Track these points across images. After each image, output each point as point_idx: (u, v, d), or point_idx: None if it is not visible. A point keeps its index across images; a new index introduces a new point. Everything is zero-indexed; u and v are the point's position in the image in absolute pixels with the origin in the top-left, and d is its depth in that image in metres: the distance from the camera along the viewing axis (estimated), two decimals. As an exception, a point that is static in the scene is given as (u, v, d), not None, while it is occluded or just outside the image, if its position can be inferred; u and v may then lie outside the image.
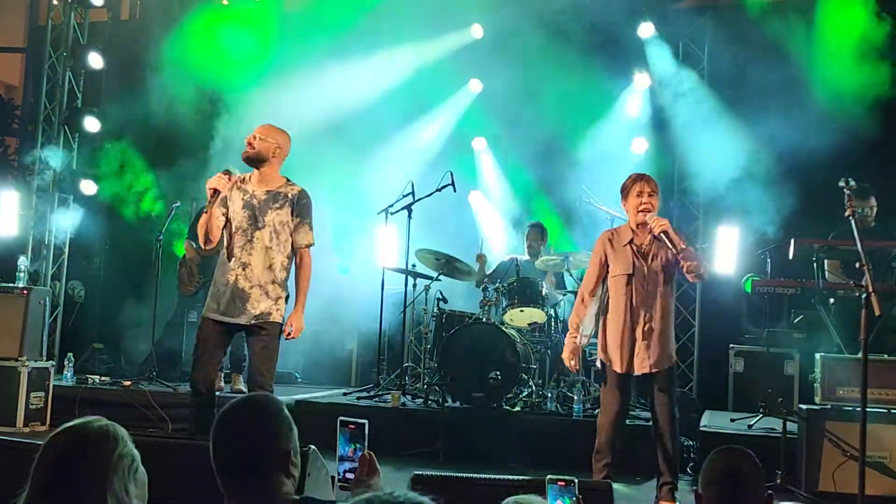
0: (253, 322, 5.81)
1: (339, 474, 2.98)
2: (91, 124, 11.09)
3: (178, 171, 10.50)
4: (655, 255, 5.95)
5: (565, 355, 6.07)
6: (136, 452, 2.49)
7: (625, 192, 6.03)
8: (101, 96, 11.56)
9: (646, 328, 5.88)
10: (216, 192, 5.75)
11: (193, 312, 9.86)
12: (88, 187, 10.99)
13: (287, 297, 5.98)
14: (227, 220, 5.87)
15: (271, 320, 5.85)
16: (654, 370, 5.90)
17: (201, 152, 10.44)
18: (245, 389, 8.22)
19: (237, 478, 2.58)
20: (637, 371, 5.91)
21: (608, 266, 6.03)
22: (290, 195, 5.93)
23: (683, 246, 5.79)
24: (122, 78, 11.70)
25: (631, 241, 5.99)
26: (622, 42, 10.33)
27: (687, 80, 10.62)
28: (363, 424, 3.00)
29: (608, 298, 6.02)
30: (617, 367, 5.92)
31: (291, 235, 5.90)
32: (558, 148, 10.73)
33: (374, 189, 9.88)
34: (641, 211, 5.88)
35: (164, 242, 9.28)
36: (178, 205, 9.50)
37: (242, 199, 5.88)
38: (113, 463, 2.40)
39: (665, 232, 5.78)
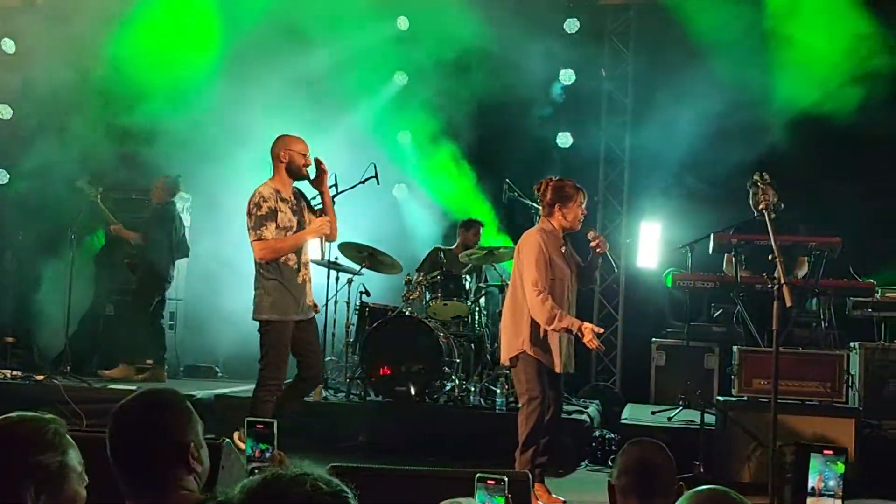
0: (311, 315, 6.42)
1: (249, 475, 2.89)
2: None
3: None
4: (572, 259, 6.23)
5: (589, 337, 5.89)
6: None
7: (565, 198, 6.13)
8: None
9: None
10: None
11: (110, 305, 9.66)
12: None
13: None
14: (284, 231, 6.20)
15: None
16: (568, 370, 6.21)
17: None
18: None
19: (131, 471, 2.49)
20: (567, 370, 6.12)
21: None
22: (299, 194, 6.48)
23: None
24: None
25: (562, 246, 6.16)
26: (548, 36, 10.34)
27: (612, 75, 10.71)
28: (272, 424, 2.93)
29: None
30: (557, 368, 6.04)
31: None
32: (485, 141, 10.73)
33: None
34: (580, 222, 6.16)
35: (77, 235, 9.04)
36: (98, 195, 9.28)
37: (290, 208, 6.27)
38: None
39: (604, 253, 6.17)
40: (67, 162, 9.52)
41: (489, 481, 2.97)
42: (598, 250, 6.13)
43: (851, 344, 8.10)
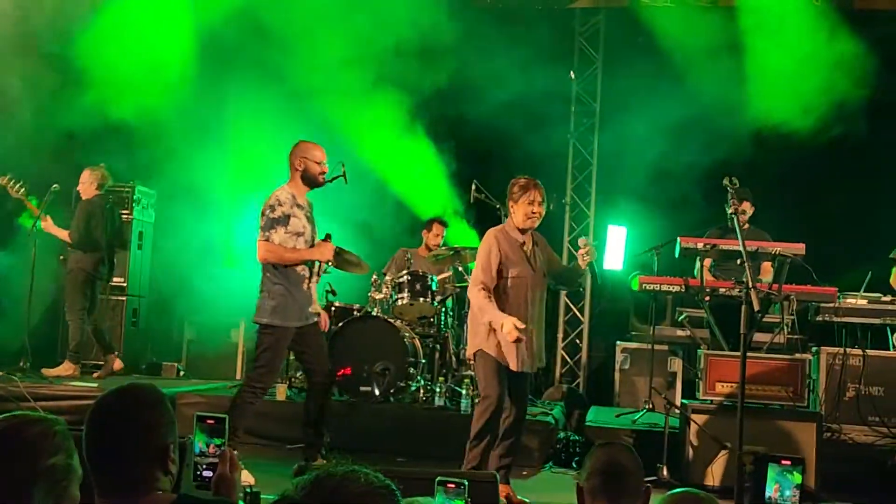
0: (313, 320, 6.44)
1: (195, 473, 2.84)
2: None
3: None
4: (537, 259, 6.17)
5: (508, 329, 5.78)
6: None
7: (514, 195, 6.11)
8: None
9: (529, 327, 5.98)
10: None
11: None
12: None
13: None
14: (304, 241, 6.33)
15: None
16: (529, 370, 6.15)
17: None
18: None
19: (108, 471, 2.43)
20: (522, 368, 6.02)
21: (501, 266, 6.05)
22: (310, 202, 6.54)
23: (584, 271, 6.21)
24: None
25: (522, 245, 6.11)
26: (517, 40, 10.35)
27: (581, 78, 10.76)
28: (223, 419, 2.88)
29: (501, 296, 6.04)
30: (512, 366, 5.99)
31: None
32: (455, 143, 10.72)
33: (265, 179, 9.68)
34: (530, 219, 6.07)
35: (38, 227, 8.91)
36: (55, 187, 9.11)
37: (304, 214, 6.36)
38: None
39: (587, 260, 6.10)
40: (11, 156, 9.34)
41: (449, 484, 2.96)
42: (585, 257, 6.10)
43: (813, 349, 8.20)
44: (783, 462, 3.17)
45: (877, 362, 8.11)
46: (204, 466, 2.82)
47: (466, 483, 2.98)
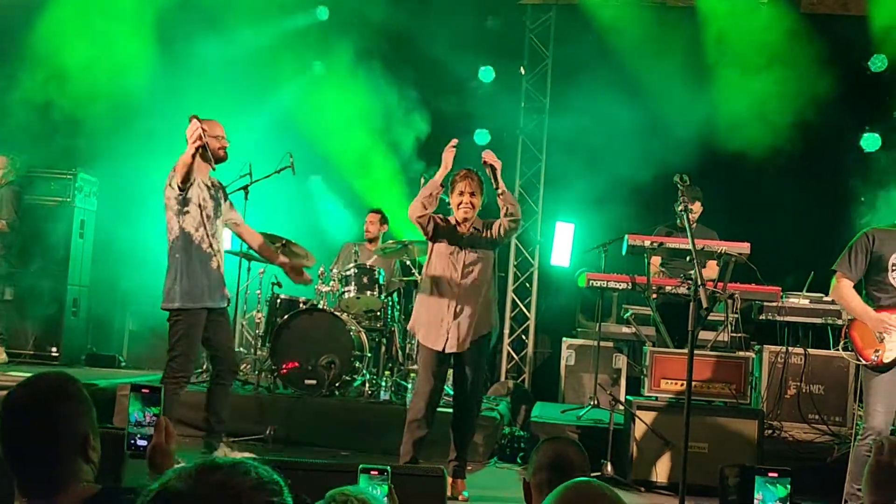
0: (224, 305, 6.23)
1: (129, 442, 2.77)
2: None
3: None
4: (474, 244, 6.19)
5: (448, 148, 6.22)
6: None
7: (452, 186, 6.19)
8: None
9: (458, 309, 6.10)
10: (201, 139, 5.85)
11: (9, 290, 9.32)
12: None
13: None
14: (198, 207, 6.02)
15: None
16: (458, 349, 6.14)
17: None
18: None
19: (28, 468, 2.36)
20: (449, 349, 6.11)
21: (435, 248, 6.22)
22: (218, 184, 6.34)
23: (504, 189, 6.09)
24: None
25: (455, 229, 6.18)
26: (469, 34, 10.33)
27: (531, 74, 10.76)
28: (159, 389, 2.83)
29: (431, 279, 6.21)
30: (438, 346, 6.11)
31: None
32: (402, 135, 10.66)
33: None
34: (462, 209, 6.13)
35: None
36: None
37: (206, 188, 6.11)
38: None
39: (494, 169, 6.05)
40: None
41: (373, 471, 2.95)
42: (487, 161, 6.08)
43: (756, 347, 8.30)
44: (770, 474, 3.16)
45: (817, 361, 8.23)
46: (139, 436, 2.76)
47: (389, 469, 2.95)
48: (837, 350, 5.94)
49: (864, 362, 5.68)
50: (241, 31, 10.01)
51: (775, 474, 3.13)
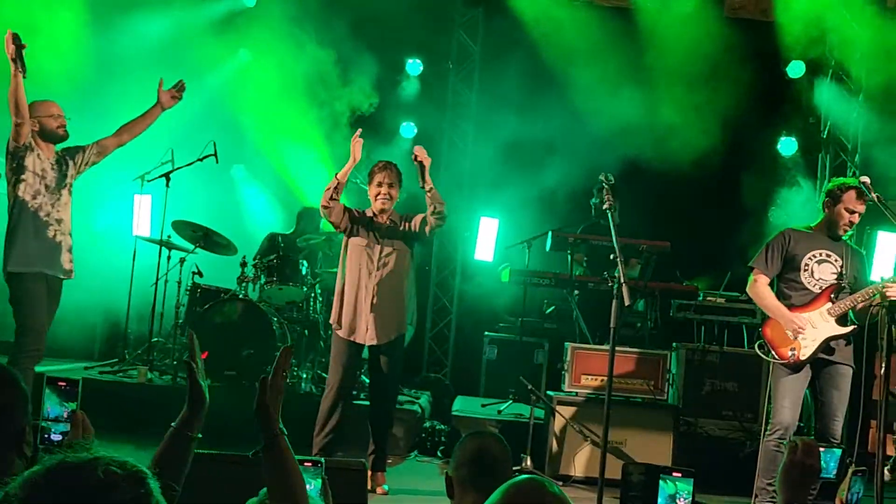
0: (60, 276, 6.03)
1: (43, 437, 2.69)
2: None
3: None
4: (391, 236, 6.23)
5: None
6: None
7: (370, 177, 6.27)
8: None
9: (374, 301, 6.12)
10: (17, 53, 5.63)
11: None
12: None
13: None
14: (36, 175, 5.89)
15: None
16: (376, 341, 6.17)
17: None
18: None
19: None
20: (369, 342, 6.15)
21: (351, 240, 6.25)
22: (65, 157, 6.11)
23: (431, 185, 6.11)
24: None
25: (372, 220, 6.22)
26: (397, 26, 10.29)
27: (458, 69, 10.78)
28: (76, 382, 2.75)
29: (347, 272, 6.23)
30: (356, 338, 6.16)
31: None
32: (327, 127, 10.57)
33: (131, 153, 9.34)
34: (379, 200, 6.19)
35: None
36: None
37: (49, 160, 5.97)
38: None
39: (423, 166, 6.10)
40: None
41: (306, 463, 2.94)
42: (416, 157, 6.13)
43: (674, 344, 8.45)
44: (675, 474, 3.21)
45: (732, 359, 8.42)
46: (53, 431, 2.68)
47: (323, 461, 2.95)
48: (752, 348, 6.07)
49: (780, 361, 5.81)
50: (164, 16, 9.82)
51: (679, 474, 3.19)
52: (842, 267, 5.87)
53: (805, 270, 5.87)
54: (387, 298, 6.16)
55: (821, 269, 5.87)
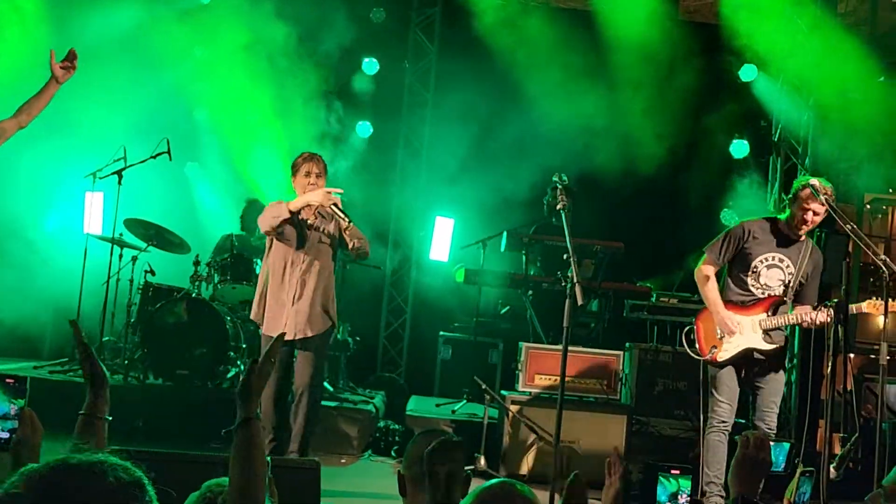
0: None
1: None
2: None
3: None
4: (318, 228, 6.16)
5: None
6: None
7: (295, 169, 6.19)
8: None
9: (297, 296, 6.04)
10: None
11: None
12: None
13: None
14: None
15: None
16: (304, 336, 6.07)
17: None
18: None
19: None
20: (292, 336, 6.03)
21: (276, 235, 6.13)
22: None
23: (348, 222, 5.98)
24: None
25: (298, 213, 6.10)
26: (354, 25, 10.26)
27: (415, 68, 10.78)
28: (24, 379, 2.72)
29: (271, 266, 6.12)
30: (286, 334, 5.96)
31: None
32: (283, 126, 10.51)
33: (82, 150, 9.23)
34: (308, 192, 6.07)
35: None
36: None
37: None
38: None
39: (336, 204, 5.98)
40: None
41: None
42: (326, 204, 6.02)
43: (627, 345, 8.52)
44: (672, 472, 3.25)
45: (684, 359, 8.41)
46: (1, 429, 2.64)
47: (269, 460, 2.92)
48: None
49: (697, 356, 5.89)
50: (119, 12, 9.70)
51: (678, 471, 3.23)
52: (791, 275, 5.90)
53: (753, 273, 5.91)
54: (312, 294, 6.07)
55: (769, 275, 5.90)
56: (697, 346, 5.94)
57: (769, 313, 5.86)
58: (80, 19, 9.31)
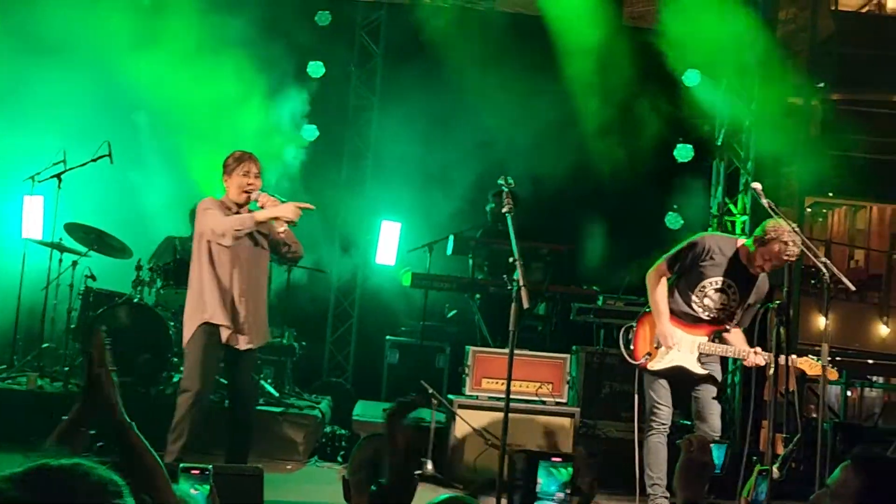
0: None
1: None
2: None
3: None
4: (257, 231, 5.95)
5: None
6: None
7: (228, 168, 6.00)
8: None
9: (237, 299, 5.84)
10: None
11: None
12: None
13: None
14: None
15: None
16: (248, 345, 5.89)
17: None
18: None
19: None
20: (238, 345, 5.85)
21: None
22: None
23: (283, 228, 5.83)
24: None
25: (238, 212, 5.95)
26: (299, 28, 10.19)
27: (360, 71, 10.74)
28: None
29: (205, 269, 5.88)
30: (218, 338, 5.82)
31: None
32: (228, 129, 10.41)
33: (20, 153, 9.05)
34: (246, 191, 5.91)
35: None
36: None
37: None
38: None
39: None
40: None
41: (193, 471, 2.88)
42: (261, 204, 5.87)
43: (574, 347, 8.55)
44: (553, 459, 3.24)
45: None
46: None
47: (211, 469, 2.89)
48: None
49: (630, 358, 5.92)
50: (61, 11, 9.53)
51: (559, 459, 3.23)
52: (735, 302, 5.88)
53: (700, 291, 5.88)
54: (251, 297, 5.90)
55: (714, 297, 5.88)
56: (633, 347, 5.94)
57: (711, 338, 5.89)
58: (18, 18, 9.16)
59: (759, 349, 5.77)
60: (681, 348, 5.85)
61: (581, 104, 9.54)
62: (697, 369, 5.87)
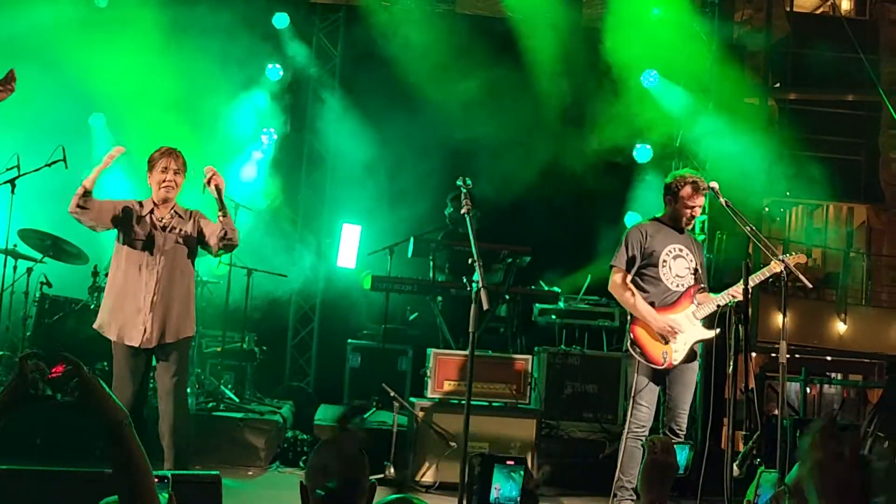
0: None
1: None
2: None
3: None
4: (175, 228, 5.90)
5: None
6: None
7: (151, 164, 5.96)
8: None
9: (155, 300, 5.74)
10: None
11: None
12: None
13: None
14: None
15: None
16: (163, 342, 5.80)
17: None
18: None
19: None
20: (143, 344, 5.75)
21: (124, 236, 5.88)
22: None
23: (226, 211, 5.84)
24: None
25: (151, 213, 5.90)
26: (256, 30, 10.12)
27: (319, 74, 10.69)
28: None
29: (121, 269, 5.85)
30: (135, 342, 5.73)
31: None
32: (186, 132, 10.30)
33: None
34: (164, 188, 5.86)
35: None
36: None
37: None
38: None
39: (220, 190, 5.78)
40: None
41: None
42: (209, 182, 5.79)
43: (536, 348, 8.56)
44: (507, 462, 3.24)
45: (593, 361, 8.59)
46: None
47: (170, 476, 2.85)
48: (612, 351, 6.18)
49: (653, 365, 5.87)
50: (13, 12, 9.39)
51: (512, 462, 3.23)
52: (692, 261, 6.01)
53: (663, 265, 5.95)
54: (169, 298, 5.78)
55: (677, 265, 5.97)
56: (647, 357, 5.87)
57: (696, 303, 5.93)
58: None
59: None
60: (684, 328, 5.88)
61: (541, 106, 9.55)
62: (709, 332, 5.89)
